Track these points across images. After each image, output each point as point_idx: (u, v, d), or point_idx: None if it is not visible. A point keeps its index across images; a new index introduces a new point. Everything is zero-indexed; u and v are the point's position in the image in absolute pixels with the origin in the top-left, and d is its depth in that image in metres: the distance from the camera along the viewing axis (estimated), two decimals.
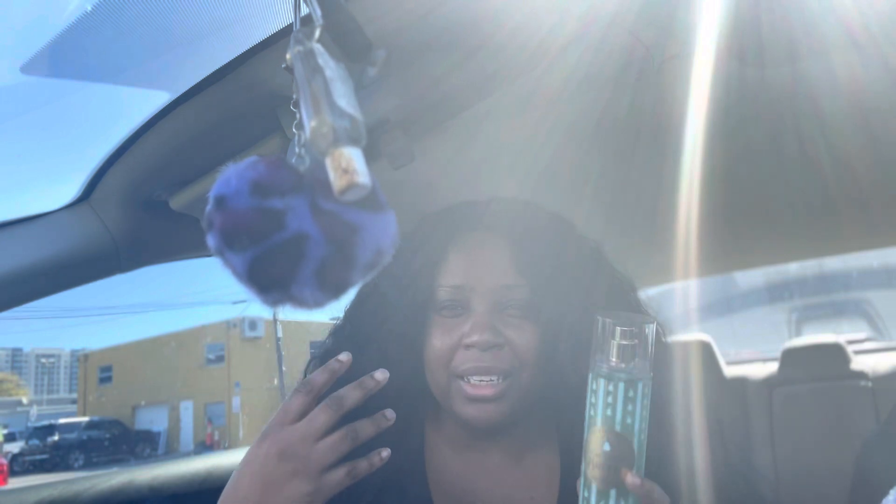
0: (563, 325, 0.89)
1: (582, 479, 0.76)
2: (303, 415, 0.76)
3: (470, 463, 0.96)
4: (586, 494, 0.75)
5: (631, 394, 0.73)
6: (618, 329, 0.74)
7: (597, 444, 0.74)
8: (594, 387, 0.75)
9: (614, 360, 0.74)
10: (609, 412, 0.73)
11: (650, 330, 0.75)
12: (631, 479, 0.71)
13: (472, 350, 0.87)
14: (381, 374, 0.78)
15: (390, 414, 0.79)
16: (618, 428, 0.73)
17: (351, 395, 0.76)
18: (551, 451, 0.97)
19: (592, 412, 0.75)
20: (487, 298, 0.89)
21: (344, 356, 0.78)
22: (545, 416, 0.97)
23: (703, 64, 0.96)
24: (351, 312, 1.00)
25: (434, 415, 0.99)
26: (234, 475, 0.78)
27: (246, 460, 0.77)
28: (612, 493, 0.73)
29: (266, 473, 0.74)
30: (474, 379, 0.87)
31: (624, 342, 0.74)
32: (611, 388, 0.73)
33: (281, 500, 0.74)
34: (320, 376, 0.77)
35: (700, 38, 0.91)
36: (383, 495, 0.92)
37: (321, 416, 0.75)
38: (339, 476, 0.76)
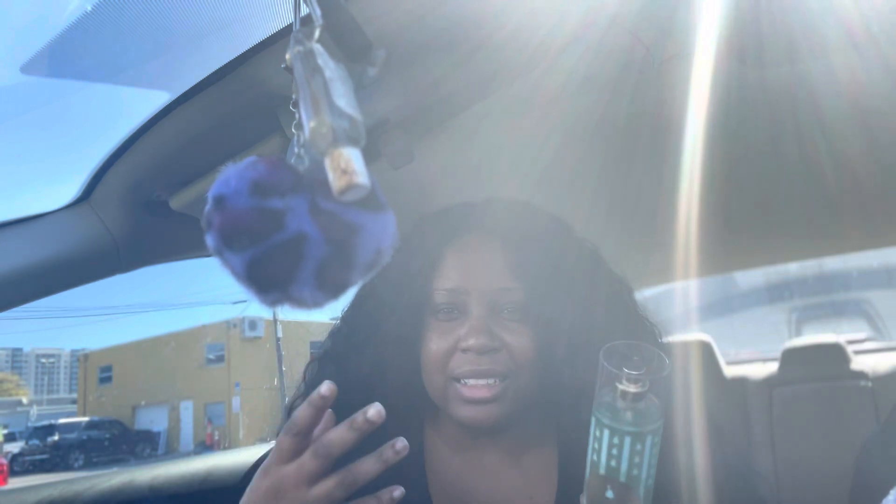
0: (560, 328, 0.89)
1: None
2: (294, 455, 0.72)
3: (469, 463, 0.96)
4: None
5: (639, 447, 0.66)
6: (625, 372, 0.66)
7: (599, 489, 0.68)
8: (597, 434, 0.68)
9: (620, 407, 0.66)
10: (613, 464, 0.67)
11: (665, 369, 0.67)
12: None
13: (469, 353, 0.87)
14: (374, 412, 0.70)
15: (402, 446, 0.72)
16: (622, 479, 0.67)
17: (340, 440, 0.70)
18: (550, 452, 0.97)
19: (595, 457, 0.69)
20: (483, 301, 0.89)
21: (325, 388, 0.70)
22: (543, 416, 0.97)
23: (703, 64, 0.96)
24: (348, 315, 1.00)
25: (433, 416, 0.99)
26: (244, 500, 0.76)
27: (252, 489, 0.75)
28: None
29: None
30: (471, 381, 0.87)
31: (632, 389, 0.66)
32: (616, 440, 0.66)
33: None
34: (304, 414, 0.71)
35: (700, 38, 0.91)
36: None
37: (309, 463, 0.70)
38: None
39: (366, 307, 0.97)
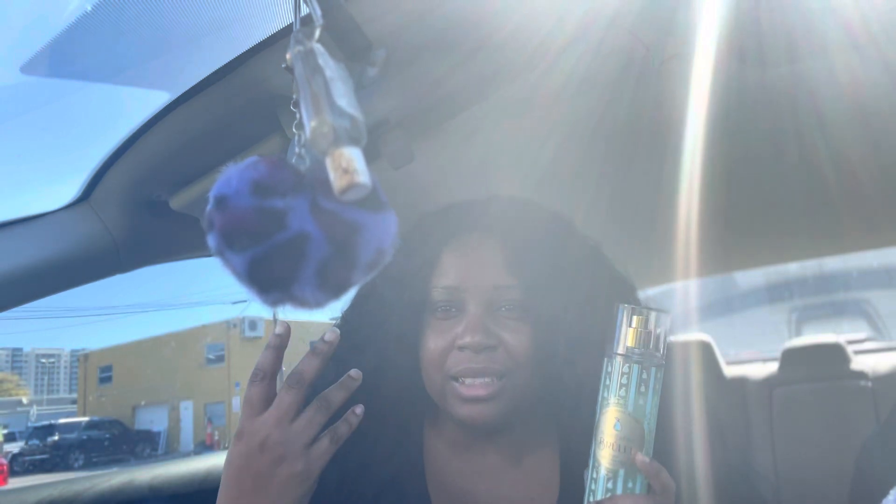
0: (559, 326, 0.88)
1: (591, 461, 0.77)
2: (267, 402, 0.74)
3: (469, 464, 0.96)
4: (594, 475, 0.76)
5: (644, 376, 0.76)
6: (635, 316, 0.77)
7: (608, 424, 0.76)
8: (609, 369, 0.78)
9: (630, 344, 0.77)
10: (623, 392, 0.76)
11: (666, 322, 0.78)
12: (640, 458, 0.73)
13: (466, 351, 0.87)
14: (330, 335, 0.76)
15: (356, 374, 0.78)
16: (630, 409, 0.75)
17: (308, 367, 0.74)
18: (550, 452, 0.97)
19: (606, 393, 0.77)
20: (480, 299, 0.89)
21: (279, 327, 0.75)
22: (544, 416, 0.97)
23: (703, 64, 0.96)
24: (348, 314, 1.00)
25: (433, 416, 0.99)
26: (223, 479, 0.77)
27: (228, 461, 0.76)
28: (621, 472, 0.75)
29: (252, 468, 0.74)
30: (468, 380, 0.87)
31: (640, 329, 0.77)
32: (626, 369, 0.76)
33: (275, 488, 0.74)
34: (266, 358, 0.75)
35: (700, 38, 0.91)
36: (382, 497, 0.92)
37: (286, 397, 0.74)
38: (323, 446, 0.75)
39: (366, 306, 0.97)
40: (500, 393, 0.87)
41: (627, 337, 0.77)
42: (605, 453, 0.75)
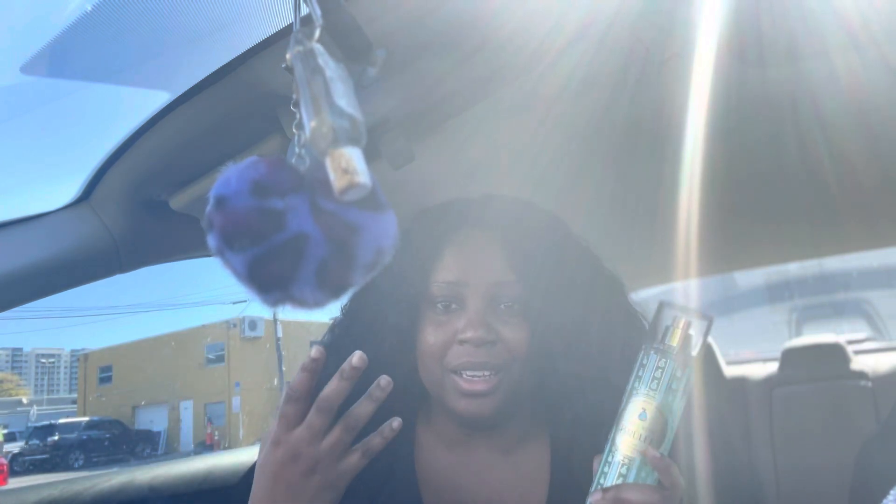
0: (555, 323, 0.89)
1: (608, 445, 0.78)
2: (299, 419, 0.78)
3: (460, 460, 0.96)
4: (609, 459, 0.77)
5: (679, 374, 0.77)
6: (682, 319, 0.79)
7: (634, 412, 0.77)
8: (644, 361, 0.79)
9: (671, 343, 0.79)
10: (654, 385, 0.77)
11: (707, 327, 0.80)
12: (652, 452, 0.75)
13: (466, 346, 0.88)
14: (357, 359, 0.77)
15: (385, 382, 0.79)
16: (658, 401, 0.77)
17: (335, 391, 0.77)
18: (542, 449, 0.98)
19: (637, 383, 0.78)
20: (481, 294, 0.90)
21: (315, 352, 0.78)
22: (536, 413, 0.98)
23: (703, 64, 0.96)
24: (348, 308, 1.01)
25: (425, 412, 1.00)
26: (256, 482, 0.81)
27: (263, 466, 0.80)
28: (637, 461, 0.76)
29: (286, 476, 0.78)
30: (468, 373, 0.88)
31: (683, 330, 0.79)
32: (662, 363, 0.77)
33: (306, 495, 0.78)
34: (300, 380, 0.78)
35: (700, 37, 0.91)
36: (373, 491, 0.93)
37: (316, 420, 0.77)
38: (353, 460, 0.79)
39: (365, 300, 0.98)
40: (497, 387, 0.88)
41: (669, 335, 0.79)
42: (625, 440, 0.76)
